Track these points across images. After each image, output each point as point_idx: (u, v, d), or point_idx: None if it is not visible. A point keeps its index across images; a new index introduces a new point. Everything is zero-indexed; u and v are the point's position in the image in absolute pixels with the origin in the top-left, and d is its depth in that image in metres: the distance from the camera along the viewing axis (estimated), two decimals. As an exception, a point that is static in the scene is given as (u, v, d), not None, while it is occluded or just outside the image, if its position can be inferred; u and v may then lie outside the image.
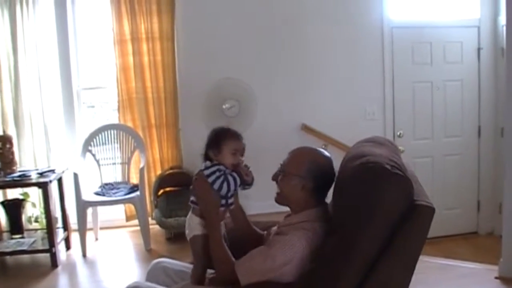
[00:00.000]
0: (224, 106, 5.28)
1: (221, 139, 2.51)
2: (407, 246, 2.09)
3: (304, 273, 2.25)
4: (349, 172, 2.28)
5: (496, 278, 4.22)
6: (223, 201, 2.50)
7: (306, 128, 5.82)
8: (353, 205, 2.15)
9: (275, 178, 2.49)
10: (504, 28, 4.41)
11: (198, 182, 2.50)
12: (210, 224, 2.45)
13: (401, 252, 2.08)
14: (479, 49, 6.24)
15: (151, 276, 2.72)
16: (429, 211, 2.11)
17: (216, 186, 2.43)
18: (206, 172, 2.48)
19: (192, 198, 2.55)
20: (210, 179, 2.44)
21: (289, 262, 2.24)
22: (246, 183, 2.54)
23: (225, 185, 2.44)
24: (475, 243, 6.25)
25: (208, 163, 2.52)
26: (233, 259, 2.37)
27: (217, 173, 2.46)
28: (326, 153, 2.48)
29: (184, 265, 2.80)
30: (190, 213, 2.57)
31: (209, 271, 2.56)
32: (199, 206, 2.49)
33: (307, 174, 2.38)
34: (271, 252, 2.27)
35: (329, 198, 2.49)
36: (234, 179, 2.46)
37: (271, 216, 2.71)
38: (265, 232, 2.66)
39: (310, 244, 2.27)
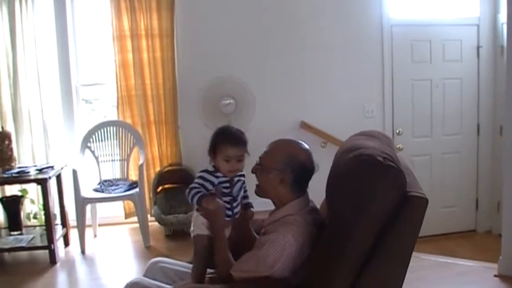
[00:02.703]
0: (222, 103, 5.26)
1: (217, 143, 2.49)
2: (401, 238, 2.08)
3: (297, 268, 2.26)
4: (342, 165, 2.28)
5: (495, 276, 4.23)
6: (228, 207, 2.51)
7: (305, 126, 5.82)
8: (347, 199, 2.16)
9: (254, 171, 2.47)
10: (504, 26, 4.43)
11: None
12: (214, 230, 2.46)
13: (395, 244, 2.07)
14: (478, 47, 6.23)
15: (149, 272, 2.72)
16: (422, 202, 2.10)
17: (188, 196, 2.46)
18: (197, 174, 2.54)
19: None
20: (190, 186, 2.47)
21: (279, 259, 2.24)
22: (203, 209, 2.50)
23: (186, 192, 2.48)
24: (474, 241, 6.26)
25: (209, 167, 2.52)
26: (234, 262, 2.39)
27: (197, 181, 2.50)
28: (304, 145, 2.46)
29: (182, 265, 2.80)
30: (195, 212, 2.57)
31: (208, 270, 2.56)
32: (203, 210, 2.49)
33: (285, 167, 2.36)
34: (261, 253, 2.26)
35: (318, 191, 2.48)
36: (193, 196, 2.44)
37: (265, 214, 2.70)
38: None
39: (296, 237, 2.26)
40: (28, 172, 4.87)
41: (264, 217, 2.62)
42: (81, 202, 5.09)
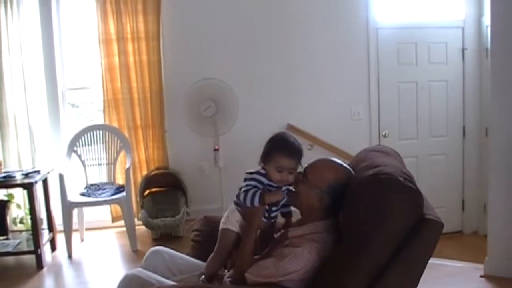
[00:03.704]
0: (201, 107, 5.24)
1: (271, 150, 2.44)
2: (414, 259, 2.14)
3: (309, 280, 2.27)
4: (362, 181, 2.30)
5: (481, 276, 4.26)
6: (266, 213, 2.49)
7: (292, 129, 5.82)
8: (364, 214, 2.18)
9: (296, 180, 2.44)
10: (488, 28, 4.46)
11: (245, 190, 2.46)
12: (248, 229, 2.45)
13: (408, 264, 2.13)
14: (463, 50, 6.27)
15: (148, 262, 2.72)
16: (438, 225, 2.17)
17: (241, 197, 2.43)
18: (246, 176, 2.47)
19: (236, 198, 2.52)
20: (242, 190, 2.43)
21: (298, 272, 2.24)
22: (268, 204, 2.47)
23: (241, 196, 2.42)
24: (460, 242, 6.28)
25: (261, 169, 2.48)
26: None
27: (249, 182, 2.44)
28: (352, 173, 2.43)
29: (183, 257, 2.80)
30: (233, 206, 2.55)
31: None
32: (247, 209, 2.46)
33: (329, 190, 2.35)
34: (281, 264, 2.26)
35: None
36: (253, 196, 2.39)
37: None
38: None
39: (320, 256, 2.26)
40: (14, 177, 4.84)
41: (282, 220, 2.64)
42: (68, 207, 5.07)
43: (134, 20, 5.57)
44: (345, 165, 2.46)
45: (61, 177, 5.00)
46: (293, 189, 2.45)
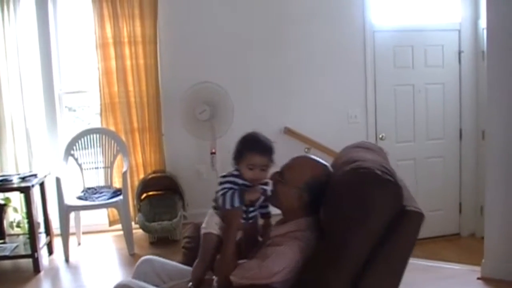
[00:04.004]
0: (196, 110, 5.24)
1: (243, 149, 2.47)
2: (396, 251, 2.12)
3: (293, 280, 2.26)
4: (340, 177, 2.30)
5: (478, 279, 4.26)
6: (244, 214, 2.49)
7: (289, 132, 5.83)
8: (344, 210, 2.17)
9: (274, 178, 2.46)
10: (485, 31, 4.47)
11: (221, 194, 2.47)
12: (228, 230, 2.45)
13: (391, 257, 2.11)
14: (460, 52, 6.29)
15: (139, 271, 2.72)
16: (419, 216, 2.15)
17: (219, 201, 2.42)
18: (220, 180, 2.47)
19: (214, 203, 2.54)
20: (219, 193, 2.43)
21: (283, 272, 2.24)
22: (249, 203, 2.47)
23: (220, 200, 2.42)
24: (458, 244, 6.29)
25: (234, 171, 2.49)
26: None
27: (224, 185, 2.44)
28: (329, 170, 2.45)
29: (173, 265, 2.80)
30: (211, 210, 2.57)
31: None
32: (225, 212, 2.46)
33: (306, 188, 2.36)
34: (265, 264, 2.26)
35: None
36: (232, 198, 2.39)
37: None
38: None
39: (303, 254, 2.26)
40: (11, 181, 4.83)
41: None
42: (65, 210, 5.06)
43: (131, 24, 5.57)
44: (322, 161, 2.47)
45: (58, 180, 4.99)
46: (270, 190, 2.44)
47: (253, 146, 2.44)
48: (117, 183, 5.63)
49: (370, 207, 2.08)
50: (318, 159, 2.49)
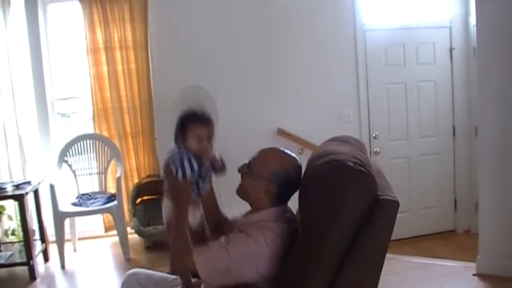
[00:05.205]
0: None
1: (185, 125, 2.49)
2: (373, 242, 2.10)
3: (270, 276, 2.27)
4: (313, 171, 2.30)
5: (474, 275, 4.28)
6: (194, 187, 2.47)
7: (282, 133, 5.83)
8: (318, 205, 2.17)
9: (241, 172, 2.47)
10: (475, 28, 4.48)
11: (165, 169, 2.47)
12: (175, 207, 2.42)
13: (368, 248, 2.09)
14: (451, 50, 6.30)
15: (126, 286, 2.73)
16: (393, 204, 2.13)
17: (175, 172, 2.37)
18: (169, 159, 2.44)
19: (165, 186, 2.52)
20: (172, 166, 2.39)
21: (246, 258, 2.25)
22: (216, 170, 2.53)
23: (180, 172, 2.37)
24: (453, 241, 6.30)
25: (174, 148, 2.49)
26: (191, 246, 2.32)
27: (175, 159, 2.41)
28: (297, 160, 2.46)
29: (161, 275, 2.80)
30: (164, 198, 2.56)
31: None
32: (174, 185, 2.43)
33: (273, 179, 2.37)
34: (228, 247, 2.25)
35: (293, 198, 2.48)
36: (191, 165, 2.39)
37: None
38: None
39: (268, 243, 2.27)
40: (5, 188, 4.82)
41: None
42: (60, 217, 5.06)
43: (121, 29, 5.57)
44: (289, 153, 2.48)
45: (52, 187, 4.99)
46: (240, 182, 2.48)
47: (195, 118, 2.50)
48: (112, 189, 5.63)
49: (343, 198, 2.07)
50: (285, 150, 2.49)
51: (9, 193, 4.79)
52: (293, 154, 2.49)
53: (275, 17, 5.91)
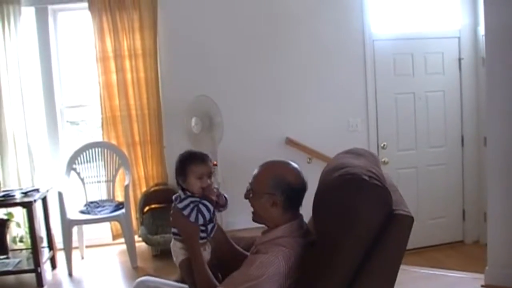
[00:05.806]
0: (190, 124, 5.28)
1: (185, 166, 2.54)
2: (387, 256, 2.10)
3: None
4: (328, 184, 2.30)
5: (482, 286, 4.25)
6: (203, 229, 2.52)
7: (290, 142, 5.83)
8: (333, 218, 2.17)
9: (246, 197, 2.47)
10: (484, 38, 4.47)
11: (174, 215, 2.55)
12: (191, 251, 2.49)
13: (382, 262, 2.09)
14: (460, 60, 6.28)
15: None
16: (408, 220, 2.14)
17: (192, 218, 2.46)
18: (180, 205, 2.51)
19: (173, 230, 2.59)
20: (186, 212, 2.48)
21: (268, 278, 2.23)
22: (220, 206, 2.59)
23: (200, 216, 2.47)
24: (462, 251, 6.26)
25: (181, 193, 2.55)
26: (217, 282, 2.39)
27: (191, 205, 2.48)
28: (292, 164, 2.45)
29: (170, 284, 2.79)
30: (172, 240, 2.62)
31: None
32: (181, 237, 2.54)
33: (274, 190, 2.36)
34: (250, 271, 2.25)
35: (305, 209, 2.47)
36: (207, 207, 2.48)
37: (255, 230, 2.69)
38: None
39: (287, 260, 2.26)
40: (14, 196, 4.84)
41: (250, 234, 2.63)
42: (68, 224, 5.07)
43: (131, 38, 5.59)
44: (281, 160, 2.48)
45: (60, 195, 5.00)
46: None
47: (193, 158, 2.56)
48: (120, 197, 5.64)
49: (358, 212, 2.07)
50: (278, 159, 2.50)
51: (18, 200, 4.80)
52: (287, 160, 2.49)
53: (284, 27, 5.92)
